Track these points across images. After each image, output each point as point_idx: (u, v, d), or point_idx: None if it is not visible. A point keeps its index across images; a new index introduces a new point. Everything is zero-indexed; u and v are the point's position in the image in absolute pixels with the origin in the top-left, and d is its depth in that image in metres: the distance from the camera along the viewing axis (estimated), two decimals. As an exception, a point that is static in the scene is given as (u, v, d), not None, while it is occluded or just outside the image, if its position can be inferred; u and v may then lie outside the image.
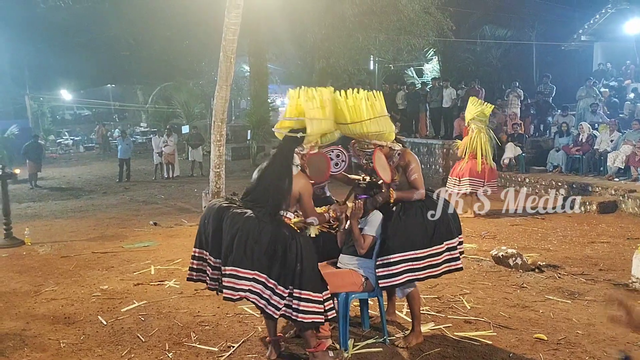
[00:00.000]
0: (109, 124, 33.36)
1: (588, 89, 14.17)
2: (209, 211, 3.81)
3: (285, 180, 3.64)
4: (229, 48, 9.79)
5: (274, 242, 3.50)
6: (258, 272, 3.48)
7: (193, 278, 3.98)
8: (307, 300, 3.50)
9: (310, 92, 3.80)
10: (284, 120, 4.00)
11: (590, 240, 7.63)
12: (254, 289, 3.48)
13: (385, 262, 3.87)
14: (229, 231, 3.53)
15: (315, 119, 3.75)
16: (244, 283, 3.47)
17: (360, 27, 16.54)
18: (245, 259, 3.46)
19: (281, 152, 3.80)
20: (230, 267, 3.48)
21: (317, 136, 3.87)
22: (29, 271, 6.60)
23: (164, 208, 11.66)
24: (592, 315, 4.69)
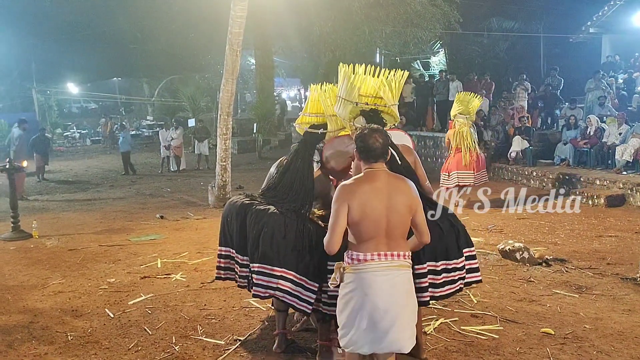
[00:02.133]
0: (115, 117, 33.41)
1: (596, 81, 14.05)
2: (231, 208, 3.82)
3: (308, 176, 3.66)
4: (235, 41, 9.78)
5: (301, 238, 3.47)
6: (285, 270, 3.45)
7: (221, 277, 3.99)
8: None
9: (331, 89, 3.78)
10: (304, 116, 4.00)
11: (598, 234, 7.58)
12: (282, 287, 3.46)
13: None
14: (254, 227, 3.53)
15: (336, 116, 3.73)
16: (272, 280, 3.46)
17: (366, 20, 16.44)
18: (272, 255, 3.45)
19: (303, 148, 3.82)
20: (258, 264, 3.48)
21: (337, 133, 3.84)
22: (36, 264, 6.64)
23: (171, 201, 11.69)
24: (600, 310, 4.67)
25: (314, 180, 3.72)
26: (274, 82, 23.33)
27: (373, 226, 2.81)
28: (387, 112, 3.65)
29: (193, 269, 6.22)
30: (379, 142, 2.90)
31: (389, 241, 2.84)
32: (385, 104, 3.60)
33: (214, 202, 10.47)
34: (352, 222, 2.82)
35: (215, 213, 9.90)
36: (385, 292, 2.80)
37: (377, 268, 2.81)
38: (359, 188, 2.86)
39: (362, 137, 2.94)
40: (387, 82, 3.60)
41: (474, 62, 20.40)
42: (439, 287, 3.42)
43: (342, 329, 2.93)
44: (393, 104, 3.63)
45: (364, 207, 2.80)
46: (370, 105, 3.59)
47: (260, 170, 15.78)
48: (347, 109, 3.62)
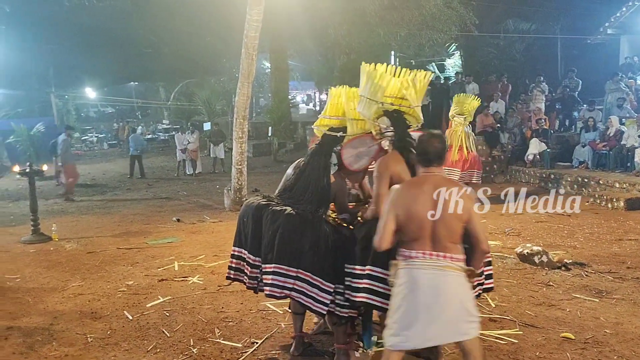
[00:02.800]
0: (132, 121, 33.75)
1: (616, 83, 13.87)
2: (247, 209, 3.83)
3: (324, 179, 3.65)
4: (250, 45, 9.83)
5: (317, 239, 3.47)
6: (302, 270, 3.46)
7: (231, 277, 3.99)
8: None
9: (351, 92, 3.77)
10: (323, 118, 3.99)
11: (617, 237, 7.48)
12: (297, 287, 3.47)
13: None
14: (270, 228, 3.53)
15: (356, 119, 3.71)
16: (288, 281, 3.47)
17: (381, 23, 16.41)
18: (288, 256, 3.46)
19: (321, 150, 3.80)
20: (273, 264, 3.48)
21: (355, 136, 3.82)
22: (56, 266, 6.73)
23: (187, 204, 11.77)
24: (620, 314, 4.61)
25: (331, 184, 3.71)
26: (288, 85, 23.39)
27: (417, 228, 2.88)
28: (410, 114, 3.62)
29: (210, 271, 6.25)
30: (437, 146, 2.97)
31: (434, 243, 2.87)
32: (410, 105, 3.58)
33: (230, 205, 10.51)
34: (399, 223, 2.91)
35: (231, 216, 9.95)
36: (428, 291, 2.83)
37: (421, 265, 2.87)
38: (408, 191, 2.96)
39: (422, 141, 3.02)
40: (412, 82, 3.57)
41: (490, 64, 20.26)
42: None
43: (390, 326, 2.92)
44: (417, 105, 3.61)
45: (409, 209, 2.89)
46: (395, 105, 3.57)
47: (275, 174, 15.82)
48: (371, 109, 3.60)
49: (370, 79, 3.60)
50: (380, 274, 3.28)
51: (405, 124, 3.59)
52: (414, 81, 3.58)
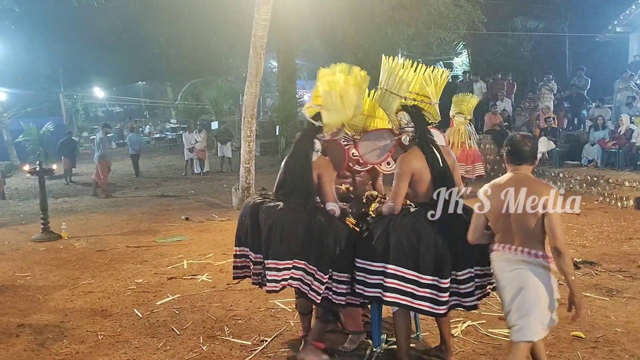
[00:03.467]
0: (139, 120, 33.90)
1: (625, 81, 13.78)
2: (245, 209, 3.84)
3: (307, 168, 3.62)
4: (258, 44, 9.85)
5: (310, 230, 3.47)
6: (297, 260, 3.47)
7: (240, 275, 3.97)
8: (344, 282, 3.52)
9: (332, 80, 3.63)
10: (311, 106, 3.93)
11: (627, 236, 7.43)
12: (295, 276, 3.49)
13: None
14: (265, 224, 3.54)
15: (331, 110, 3.63)
16: (285, 273, 3.47)
17: (389, 22, 16.38)
18: (282, 250, 3.45)
19: (300, 140, 3.80)
20: (271, 260, 3.47)
21: (334, 126, 3.75)
22: (66, 265, 6.77)
23: (195, 203, 11.81)
24: (631, 313, 4.58)
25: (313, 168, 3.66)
26: (296, 84, 23.37)
27: (500, 223, 3.05)
28: (429, 110, 3.60)
29: (219, 270, 6.27)
30: (528, 146, 3.06)
31: (514, 238, 3.02)
32: (431, 102, 3.56)
33: (238, 204, 10.52)
34: (489, 217, 3.11)
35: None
36: (508, 282, 3.03)
37: (502, 258, 3.05)
38: (496, 187, 3.09)
39: (516, 141, 3.09)
40: (432, 79, 3.56)
41: (498, 63, 20.18)
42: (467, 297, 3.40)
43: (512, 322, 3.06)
44: (435, 102, 3.58)
45: (499, 205, 3.04)
46: (417, 101, 3.55)
47: (283, 173, 15.85)
48: (394, 103, 3.59)
49: (392, 72, 3.58)
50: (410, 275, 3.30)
51: (425, 120, 3.56)
52: (433, 78, 3.56)
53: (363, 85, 3.70)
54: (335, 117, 3.65)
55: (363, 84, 3.69)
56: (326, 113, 3.62)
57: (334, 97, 3.57)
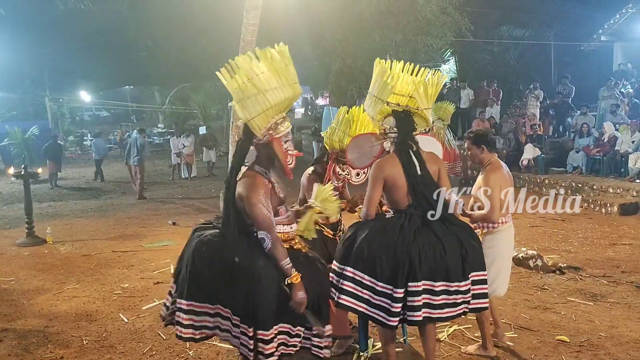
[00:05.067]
0: (126, 124, 33.67)
1: (609, 89, 13.98)
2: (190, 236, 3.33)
3: (229, 188, 3.01)
4: (247, 49, 9.83)
5: (227, 268, 2.91)
6: (220, 306, 2.97)
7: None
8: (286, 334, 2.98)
9: (234, 63, 2.95)
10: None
11: (611, 242, 7.53)
12: (221, 326, 3.00)
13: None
14: (184, 257, 3.17)
15: (244, 98, 2.87)
16: (207, 319, 3.02)
17: (377, 28, 16.47)
18: (201, 290, 2.99)
19: (234, 154, 3.14)
20: (186, 301, 3.02)
21: (261, 118, 2.89)
22: (51, 269, 6.70)
23: (182, 208, 11.75)
24: (615, 318, 4.64)
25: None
26: (284, 90, 23.37)
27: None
28: (420, 115, 3.43)
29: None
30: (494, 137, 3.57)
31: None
32: (418, 107, 3.39)
33: (226, 209, 10.49)
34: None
35: (227, 220, 9.95)
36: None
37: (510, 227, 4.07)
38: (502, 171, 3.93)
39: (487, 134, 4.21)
40: (424, 83, 3.37)
41: (485, 70, 20.37)
42: (436, 309, 3.14)
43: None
44: (426, 107, 3.41)
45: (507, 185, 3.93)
46: (402, 105, 3.39)
47: (270, 178, 15.83)
48: (376, 108, 3.43)
49: (379, 76, 3.42)
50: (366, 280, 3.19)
51: (410, 125, 3.40)
52: (425, 82, 3.37)
53: (277, 56, 2.96)
54: (255, 104, 2.85)
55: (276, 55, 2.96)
56: (239, 105, 2.89)
57: (242, 84, 2.86)
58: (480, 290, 3.33)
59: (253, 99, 2.84)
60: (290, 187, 3.39)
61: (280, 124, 2.96)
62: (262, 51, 2.92)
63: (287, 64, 2.95)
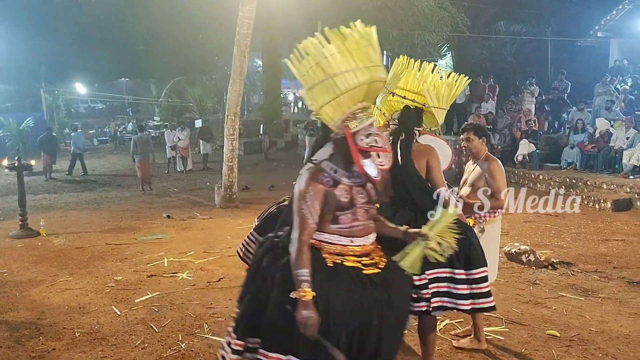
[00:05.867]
0: (122, 117, 33.59)
1: (605, 85, 14.01)
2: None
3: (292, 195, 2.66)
4: (242, 42, 9.84)
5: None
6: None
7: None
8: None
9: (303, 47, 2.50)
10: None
11: (604, 237, 7.56)
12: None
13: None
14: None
15: (313, 85, 2.49)
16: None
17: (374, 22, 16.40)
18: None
19: (312, 145, 2.84)
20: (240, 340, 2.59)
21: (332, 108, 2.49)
22: (44, 261, 6.69)
23: (177, 201, 11.74)
24: (606, 313, 4.66)
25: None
26: (280, 83, 23.38)
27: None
28: (429, 112, 3.36)
29: (199, 268, 6.25)
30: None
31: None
32: (425, 103, 3.30)
33: (220, 202, 10.51)
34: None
35: (222, 213, 9.95)
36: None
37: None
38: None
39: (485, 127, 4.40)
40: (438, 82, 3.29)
41: (481, 66, 20.36)
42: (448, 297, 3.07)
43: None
44: (436, 106, 3.31)
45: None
46: (409, 99, 3.32)
47: (266, 171, 15.81)
48: (383, 98, 3.37)
49: (392, 69, 3.35)
50: None
51: (413, 121, 3.30)
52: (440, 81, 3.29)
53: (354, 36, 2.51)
54: (323, 92, 2.47)
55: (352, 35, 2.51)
56: (308, 93, 2.53)
57: (309, 69, 2.49)
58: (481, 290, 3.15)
59: (321, 85, 2.46)
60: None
61: (358, 115, 2.49)
62: (332, 31, 2.50)
63: (365, 44, 2.51)
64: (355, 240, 2.57)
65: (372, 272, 2.52)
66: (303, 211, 2.47)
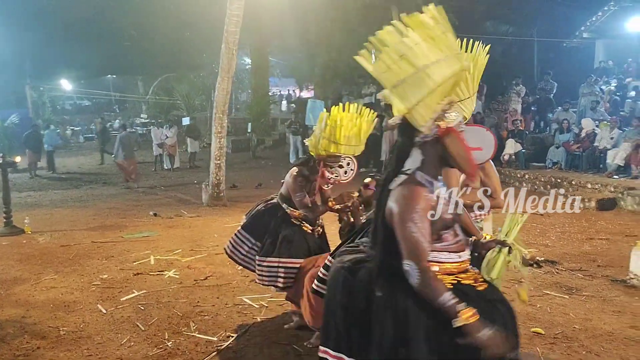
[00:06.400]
0: (109, 114, 33.31)
1: (590, 86, 14.16)
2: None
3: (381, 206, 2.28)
4: (231, 40, 9.81)
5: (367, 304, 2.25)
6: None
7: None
8: None
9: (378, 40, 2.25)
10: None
11: (588, 236, 7.65)
12: None
13: None
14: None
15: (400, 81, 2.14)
16: None
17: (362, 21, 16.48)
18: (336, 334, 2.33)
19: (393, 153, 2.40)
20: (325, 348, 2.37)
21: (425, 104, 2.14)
22: (29, 259, 6.62)
23: (164, 199, 11.68)
24: (590, 311, 4.72)
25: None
26: (269, 82, 23.34)
27: None
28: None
29: (186, 266, 6.22)
30: None
31: None
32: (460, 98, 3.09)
33: (208, 200, 10.48)
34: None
35: (209, 211, 9.92)
36: None
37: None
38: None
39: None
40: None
41: (469, 65, 20.46)
42: None
43: None
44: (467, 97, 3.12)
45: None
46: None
47: (254, 170, 15.78)
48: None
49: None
50: None
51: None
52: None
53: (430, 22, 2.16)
54: (414, 87, 2.11)
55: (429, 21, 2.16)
56: (394, 92, 2.17)
57: (392, 64, 2.15)
58: None
59: (410, 80, 2.10)
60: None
61: (450, 111, 2.17)
62: (411, 17, 2.15)
63: (444, 30, 2.17)
64: (462, 255, 2.31)
65: (483, 289, 2.29)
66: (414, 235, 2.10)
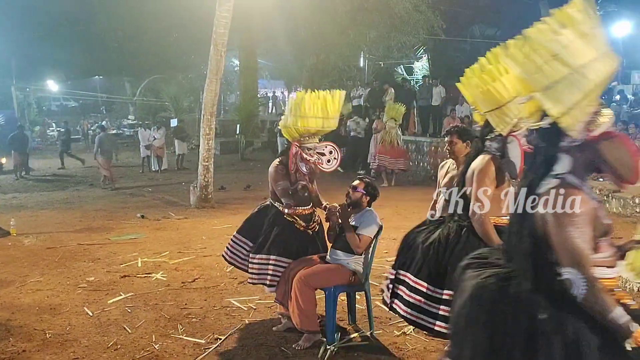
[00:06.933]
0: (95, 115, 33.08)
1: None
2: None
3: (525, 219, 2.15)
4: (219, 41, 9.80)
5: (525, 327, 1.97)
6: None
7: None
8: None
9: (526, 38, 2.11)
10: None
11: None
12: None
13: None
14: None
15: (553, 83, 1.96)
16: None
17: (351, 24, 16.57)
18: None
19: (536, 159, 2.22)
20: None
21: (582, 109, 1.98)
22: (14, 262, 6.55)
23: (152, 201, 11.61)
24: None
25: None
26: (257, 83, 23.32)
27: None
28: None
29: (174, 268, 6.19)
30: None
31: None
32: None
33: (196, 202, 10.43)
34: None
35: (197, 213, 9.88)
36: None
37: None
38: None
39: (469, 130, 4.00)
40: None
41: (457, 68, 20.57)
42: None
43: None
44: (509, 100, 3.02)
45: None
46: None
47: (242, 172, 15.73)
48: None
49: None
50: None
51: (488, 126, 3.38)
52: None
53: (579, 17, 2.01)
54: (569, 90, 1.95)
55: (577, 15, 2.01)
56: (546, 95, 1.98)
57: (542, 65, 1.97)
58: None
59: (565, 82, 1.93)
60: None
61: (598, 114, 2.01)
62: (562, 11, 2.01)
63: (594, 25, 2.04)
64: (614, 271, 2.09)
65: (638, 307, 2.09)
66: (576, 240, 1.91)
